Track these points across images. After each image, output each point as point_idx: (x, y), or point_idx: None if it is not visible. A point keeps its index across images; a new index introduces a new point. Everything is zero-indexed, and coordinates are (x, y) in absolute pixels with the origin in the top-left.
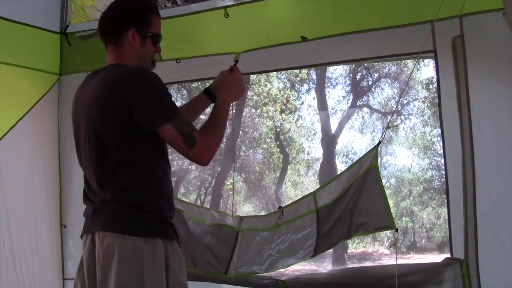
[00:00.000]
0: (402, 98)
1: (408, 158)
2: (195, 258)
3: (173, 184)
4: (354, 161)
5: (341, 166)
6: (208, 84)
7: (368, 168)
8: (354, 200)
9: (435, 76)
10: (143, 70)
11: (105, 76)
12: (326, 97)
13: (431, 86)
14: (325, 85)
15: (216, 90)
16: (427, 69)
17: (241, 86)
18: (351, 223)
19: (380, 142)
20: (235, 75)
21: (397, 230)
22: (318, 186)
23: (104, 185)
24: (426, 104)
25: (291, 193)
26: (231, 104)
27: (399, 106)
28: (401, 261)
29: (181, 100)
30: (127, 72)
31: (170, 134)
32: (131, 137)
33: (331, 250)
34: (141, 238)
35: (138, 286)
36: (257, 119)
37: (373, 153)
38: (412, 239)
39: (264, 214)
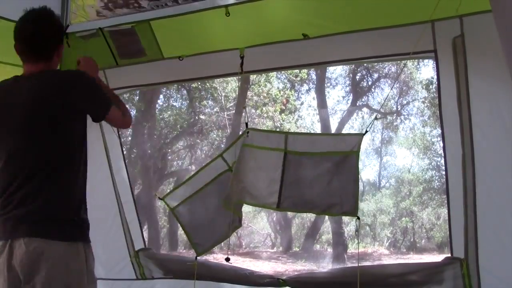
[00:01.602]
0: (401, 99)
1: (408, 159)
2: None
3: (172, 185)
4: None
5: None
6: (208, 84)
7: (349, 153)
8: (329, 177)
9: (435, 76)
10: (79, 71)
11: (41, 81)
12: (326, 97)
13: (431, 86)
14: (325, 85)
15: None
16: (426, 69)
17: (92, 64)
18: (323, 199)
19: (366, 131)
20: (83, 62)
21: (358, 218)
22: None
23: (26, 192)
24: (426, 104)
25: None
26: (230, 104)
27: (399, 106)
28: (400, 261)
29: (180, 100)
30: (69, 75)
31: (115, 113)
32: (56, 141)
33: (330, 250)
34: (65, 243)
35: (64, 287)
36: (257, 119)
37: (358, 139)
38: (412, 239)
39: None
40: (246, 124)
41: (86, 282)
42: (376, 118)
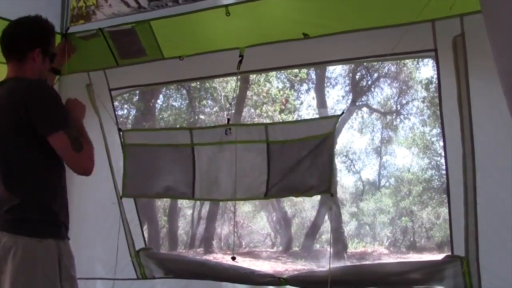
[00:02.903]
0: (401, 98)
1: (408, 158)
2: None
3: None
4: (353, 160)
5: (340, 166)
6: (207, 83)
7: (326, 135)
8: (309, 161)
9: (435, 76)
10: (41, 83)
11: (7, 89)
12: (326, 96)
13: (430, 86)
14: (325, 84)
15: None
16: (426, 69)
17: (79, 106)
18: (303, 182)
19: (343, 113)
20: (70, 103)
21: (332, 195)
22: None
23: (5, 188)
24: (425, 104)
25: None
26: (231, 103)
27: (398, 106)
28: (400, 260)
29: (180, 100)
30: (26, 85)
31: (62, 140)
32: (29, 144)
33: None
34: (34, 239)
35: (31, 282)
36: (256, 119)
37: (334, 121)
38: (411, 239)
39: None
40: (228, 120)
41: (58, 279)
42: (356, 104)
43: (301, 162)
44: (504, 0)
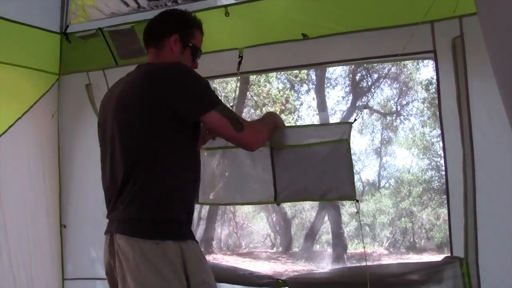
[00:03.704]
0: (401, 99)
1: (408, 159)
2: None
3: None
4: (353, 161)
5: None
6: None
7: (339, 141)
8: (320, 167)
9: (435, 77)
10: (180, 64)
11: (142, 70)
12: (326, 97)
13: (430, 87)
14: (325, 85)
15: None
16: (426, 70)
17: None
18: (318, 186)
19: (355, 119)
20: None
21: (357, 201)
22: None
23: (121, 184)
24: (425, 105)
25: None
26: (229, 104)
27: (398, 107)
28: (399, 261)
29: None
30: (165, 66)
31: (218, 119)
32: (163, 132)
33: (330, 251)
34: (150, 241)
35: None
36: None
37: (346, 128)
38: (411, 240)
39: None
40: None
41: (177, 282)
42: (365, 107)
43: (311, 167)
44: (498, 1)
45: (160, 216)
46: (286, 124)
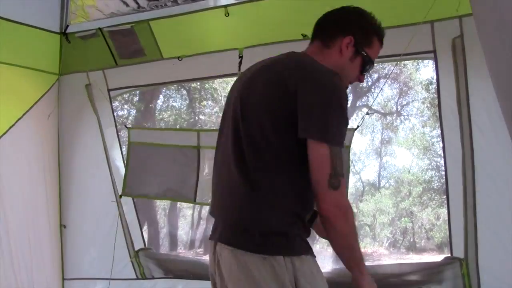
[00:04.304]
0: (401, 99)
1: (408, 159)
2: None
3: None
4: (353, 161)
5: None
6: (207, 84)
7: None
8: None
9: (435, 77)
10: (336, 79)
11: (282, 57)
12: None
13: (430, 87)
14: None
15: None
16: (426, 70)
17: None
18: None
19: (358, 126)
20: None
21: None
22: None
23: (231, 187)
24: (425, 105)
25: None
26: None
27: (398, 107)
28: (399, 261)
29: (180, 100)
30: (318, 69)
31: (322, 155)
32: (288, 136)
33: (330, 250)
34: (257, 255)
35: None
36: None
37: (350, 133)
38: (411, 240)
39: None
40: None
41: None
42: (367, 113)
43: None
44: (493, 2)
45: (271, 228)
46: None
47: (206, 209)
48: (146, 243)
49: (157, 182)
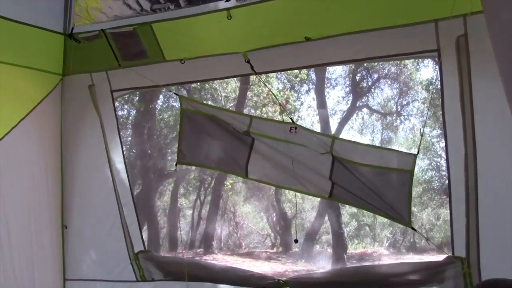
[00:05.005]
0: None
1: None
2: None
3: (172, 185)
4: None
5: None
6: (208, 84)
7: (404, 170)
8: (382, 189)
9: (437, 76)
10: None
11: None
12: (326, 97)
13: (430, 87)
14: (325, 85)
15: None
16: (426, 70)
17: None
18: (375, 202)
19: (418, 152)
20: None
21: (414, 229)
22: None
23: None
24: (426, 105)
25: (290, 194)
26: (230, 104)
27: (399, 107)
28: (400, 261)
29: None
30: None
31: None
32: None
33: (330, 250)
34: None
35: None
36: None
37: (412, 158)
38: (411, 240)
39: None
40: (291, 119)
41: None
42: (422, 135)
43: (372, 186)
44: (505, 1)
45: None
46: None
47: (206, 209)
48: (146, 244)
49: (211, 151)
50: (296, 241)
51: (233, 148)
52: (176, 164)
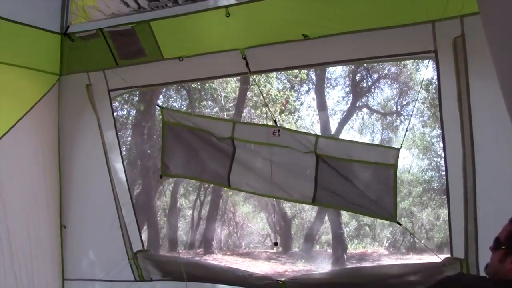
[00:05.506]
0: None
1: (408, 159)
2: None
3: (172, 185)
4: None
5: None
6: (207, 84)
7: (387, 165)
8: (368, 184)
9: (435, 77)
10: None
11: None
12: (326, 97)
13: (430, 87)
14: (325, 85)
15: None
16: (426, 70)
17: None
18: (360, 201)
19: (401, 146)
20: None
21: (400, 224)
22: None
23: None
24: (425, 105)
25: None
26: (230, 104)
27: (398, 107)
28: (399, 261)
29: (180, 101)
30: None
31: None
32: None
33: (330, 251)
34: None
35: None
36: (256, 120)
37: (395, 153)
38: (411, 240)
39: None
40: (275, 121)
41: None
42: (407, 130)
43: (358, 183)
44: (501, 1)
45: None
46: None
47: (206, 209)
48: (146, 244)
49: (193, 163)
50: (276, 244)
51: (214, 159)
52: (161, 177)
